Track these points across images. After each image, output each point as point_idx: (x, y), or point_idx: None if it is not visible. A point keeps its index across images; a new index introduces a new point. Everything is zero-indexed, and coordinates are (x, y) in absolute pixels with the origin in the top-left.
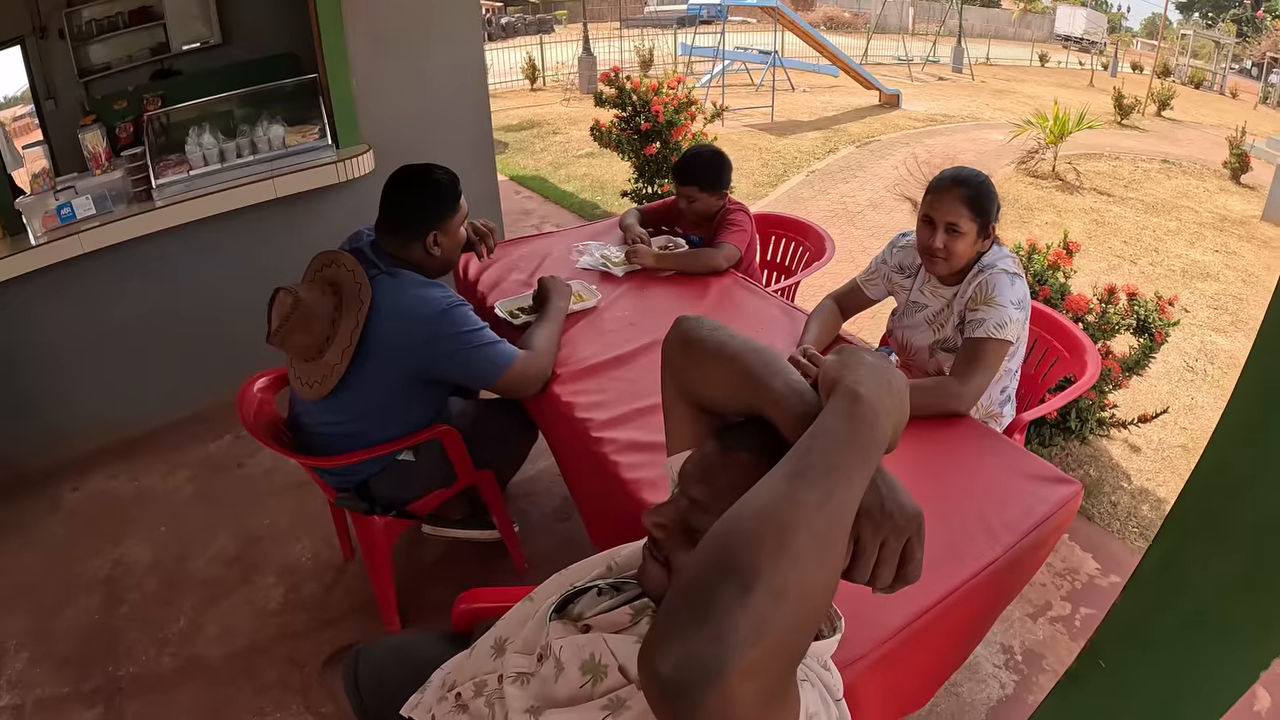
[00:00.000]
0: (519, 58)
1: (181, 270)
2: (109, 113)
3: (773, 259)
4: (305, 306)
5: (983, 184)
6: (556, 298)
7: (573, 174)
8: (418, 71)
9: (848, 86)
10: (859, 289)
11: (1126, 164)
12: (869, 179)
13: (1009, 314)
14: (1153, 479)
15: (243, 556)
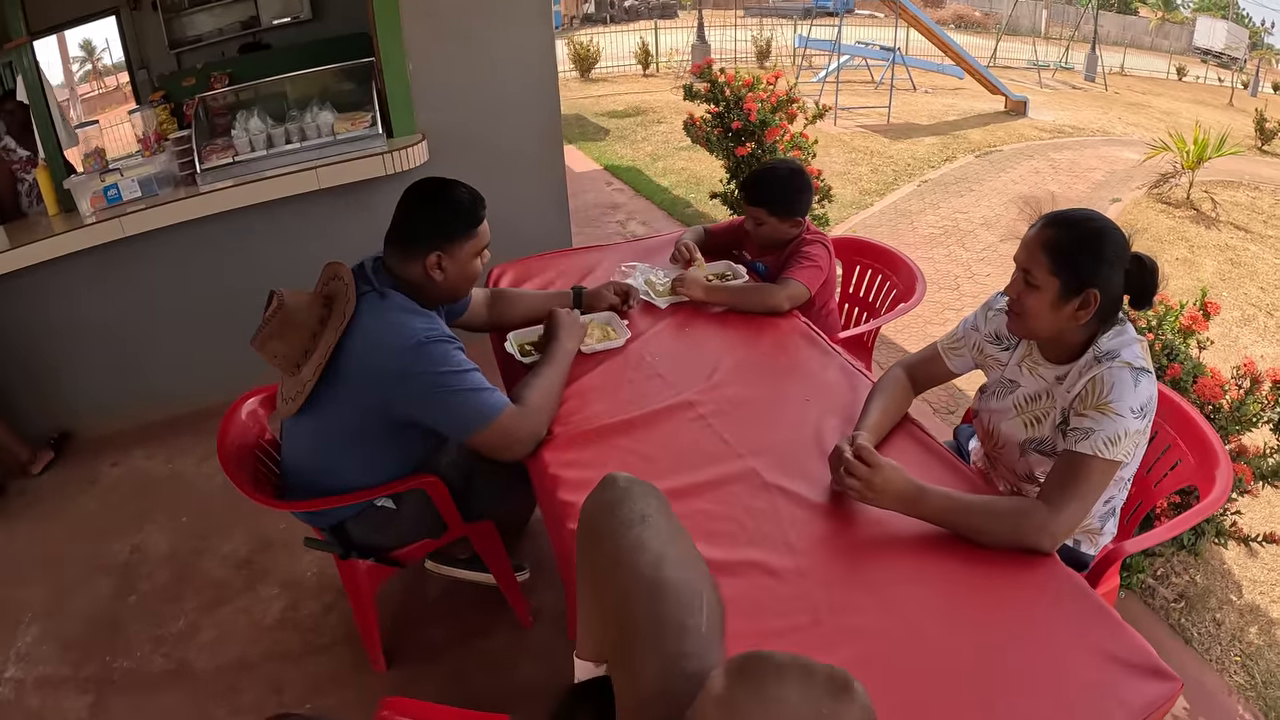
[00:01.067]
0: (634, 42)
1: (226, 256)
2: (178, 89)
3: (854, 293)
4: (285, 313)
5: (1087, 235)
6: (564, 337)
7: (670, 167)
8: (481, 57)
9: (972, 89)
10: (939, 358)
11: (1267, 195)
12: (986, 193)
13: (1126, 426)
14: (1267, 593)
15: (252, 561)
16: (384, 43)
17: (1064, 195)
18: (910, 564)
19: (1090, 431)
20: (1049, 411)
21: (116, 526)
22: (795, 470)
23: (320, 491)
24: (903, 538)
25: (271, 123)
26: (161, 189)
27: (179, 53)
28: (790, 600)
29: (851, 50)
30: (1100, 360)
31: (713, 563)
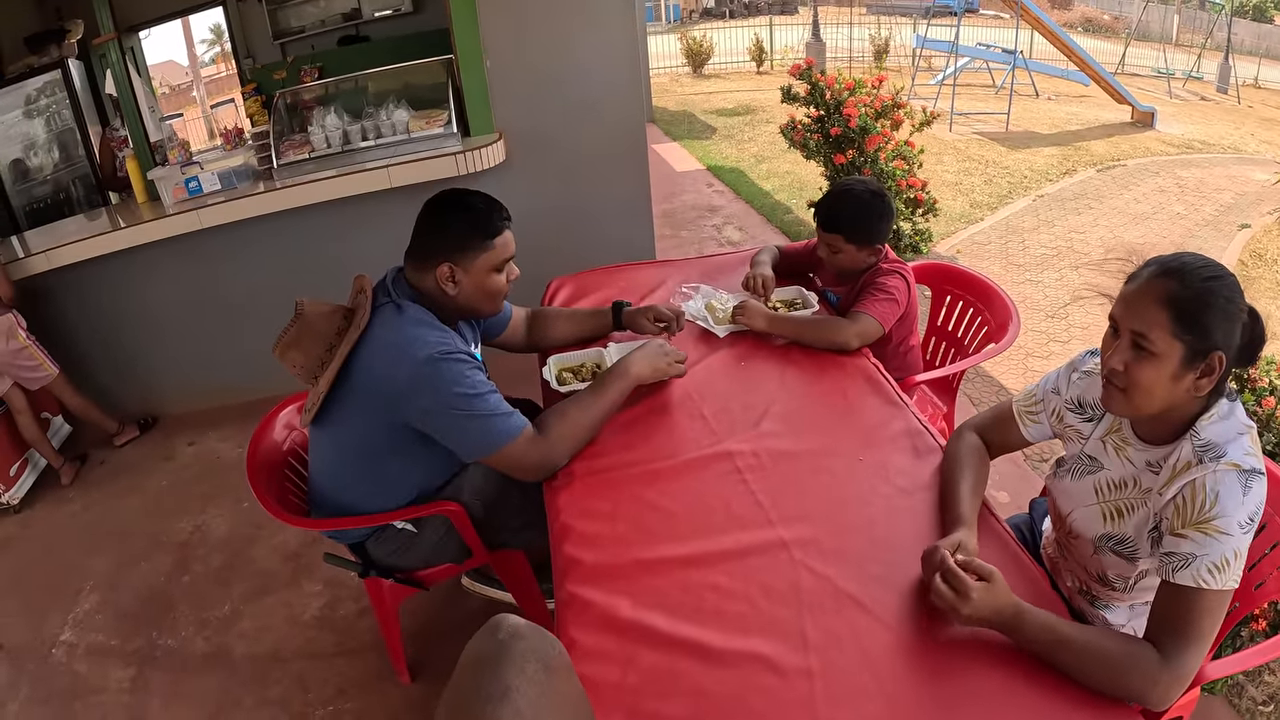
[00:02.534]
0: (749, 38)
1: (298, 251)
2: (270, 82)
3: (943, 325)
4: (304, 322)
5: (1210, 282)
6: (632, 364)
7: (775, 169)
8: (562, 56)
9: (1097, 97)
10: (1013, 422)
11: None
12: (1106, 212)
13: (1235, 545)
14: None
15: (300, 555)
16: (461, 39)
17: (1188, 217)
18: (944, 684)
19: (1191, 557)
20: (1136, 505)
21: (183, 505)
22: (830, 548)
23: (339, 506)
24: (944, 650)
25: (348, 119)
26: (240, 183)
27: (283, 43)
28: (790, 705)
29: (971, 52)
30: (1203, 459)
31: (711, 651)
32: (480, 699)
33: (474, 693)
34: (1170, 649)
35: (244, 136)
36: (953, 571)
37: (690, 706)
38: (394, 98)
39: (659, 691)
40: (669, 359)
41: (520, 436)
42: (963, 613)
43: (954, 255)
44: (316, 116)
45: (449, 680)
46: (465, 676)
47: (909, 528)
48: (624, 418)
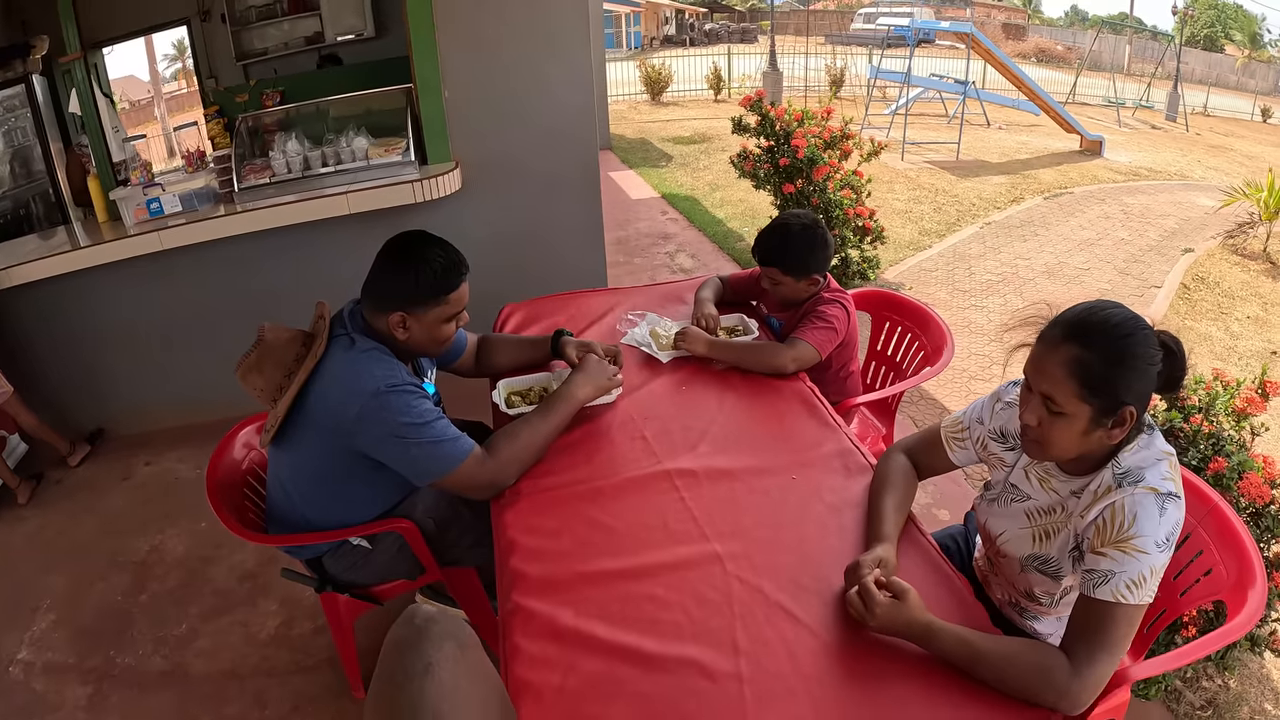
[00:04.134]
0: (708, 66)
1: (259, 274)
2: (232, 104)
3: (882, 350)
4: (264, 347)
5: (1117, 344)
6: (577, 384)
7: (728, 198)
8: (519, 87)
9: (1048, 127)
10: (940, 446)
11: None
12: (1051, 239)
13: (1152, 563)
14: None
15: (257, 574)
16: (420, 69)
17: (1133, 242)
18: (868, 686)
19: (1110, 574)
20: (1060, 527)
21: (141, 524)
22: (762, 561)
23: (296, 523)
24: (864, 656)
25: (309, 145)
26: (201, 205)
27: (246, 65)
28: (721, 706)
29: (924, 83)
30: (1122, 483)
31: (648, 657)
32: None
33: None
34: (1083, 659)
35: (206, 159)
36: (864, 587)
37: (628, 710)
38: (354, 125)
39: (599, 696)
40: (607, 375)
41: (469, 459)
42: (870, 625)
43: (899, 284)
44: (278, 141)
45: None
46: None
47: (837, 542)
48: (569, 439)
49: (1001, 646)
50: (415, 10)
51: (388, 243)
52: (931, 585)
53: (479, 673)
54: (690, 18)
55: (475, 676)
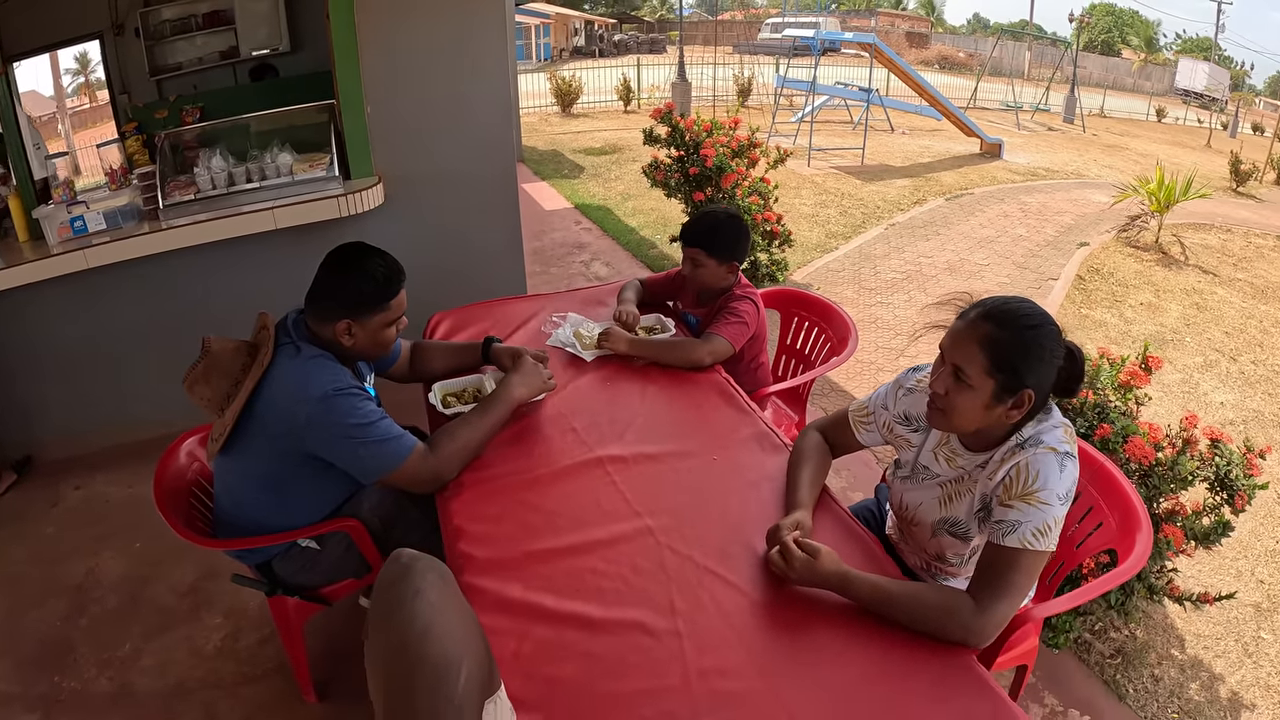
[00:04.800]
0: (617, 77)
1: (186, 291)
2: (151, 120)
3: (791, 344)
4: (211, 358)
5: (1026, 331)
6: (514, 384)
7: (640, 207)
8: (439, 101)
9: (949, 131)
10: (849, 428)
11: (1238, 238)
12: (953, 238)
13: (1054, 514)
14: (1211, 648)
15: (198, 589)
16: (343, 85)
17: (1030, 239)
18: (791, 633)
19: (1017, 524)
20: (967, 492)
21: (74, 549)
22: (690, 532)
23: (245, 529)
24: (788, 607)
25: (233, 161)
26: (126, 223)
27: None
28: (664, 661)
29: (829, 91)
30: (1024, 446)
31: (593, 621)
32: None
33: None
34: (986, 600)
35: (130, 176)
36: (784, 545)
37: (579, 668)
38: (278, 140)
39: (551, 658)
40: (542, 377)
41: (413, 455)
42: (791, 579)
43: (808, 284)
44: (202, 157)
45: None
46: (383, 591)
47: (758, 512)
48: (505, 435)
49: (911, 590)
50: (338, 26)
51: (330, 254)
52: (846, 543)
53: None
54: (599, 29)
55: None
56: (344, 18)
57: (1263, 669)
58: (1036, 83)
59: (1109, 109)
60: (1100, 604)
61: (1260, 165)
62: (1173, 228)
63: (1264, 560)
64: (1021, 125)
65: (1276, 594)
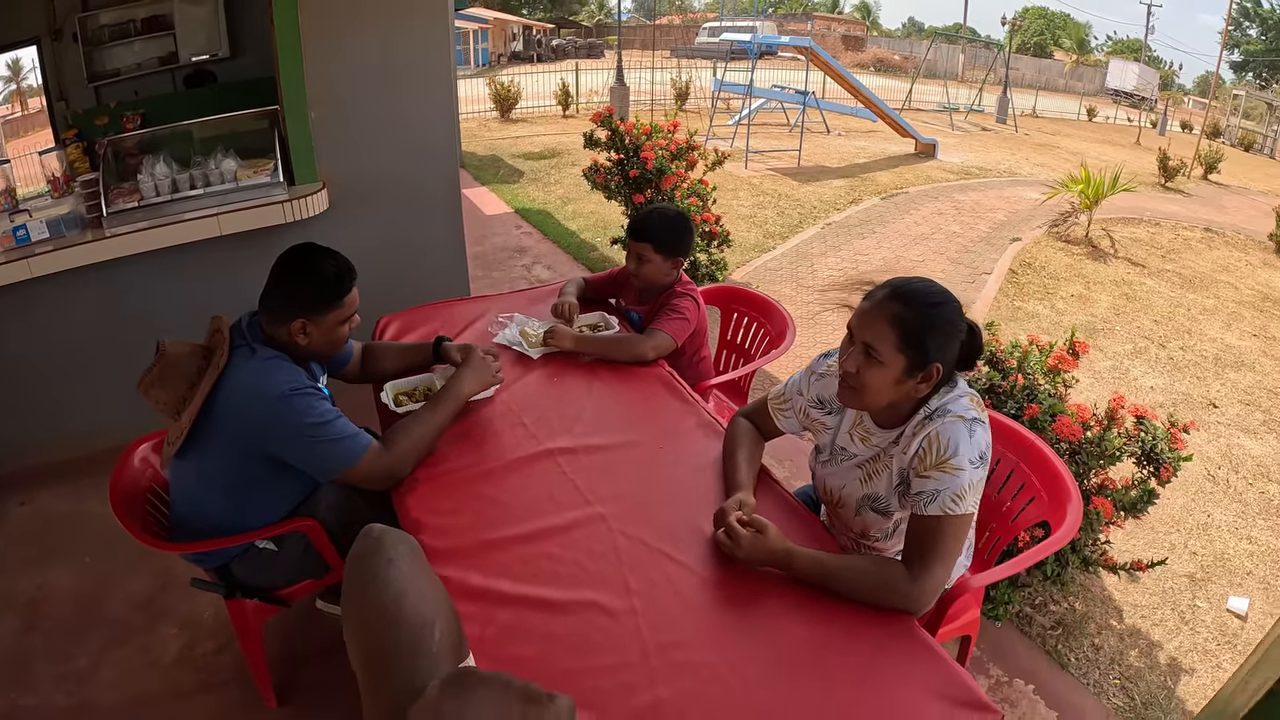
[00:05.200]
0: (556, 82)
1: (131, 299)
2: (91, 127)
3: (731, 339)
4: (167, 361)
5: (932, 308)
6: (463, 379)
7: (580, 211)
8: (383, 107)
9: (884, 132)
10: (769, 416)
11: (1166, 231)
12: (888, 236)
13: (969, 478)
14: (1148, 617)
15: (153, 600)
16: (287, 90)
17: (964, 235)
18: (742, 606)
19: (936, 493)
20: (884, 469)
21: (22, 565)
22: (641, 517)
23: (203, 532)
24: (737, 582)
25: (177, 168)
26: (69, 231)
27: (98, 86)
28: (621, 638)
29: (766, 94)
30: (933, 417)
31: (551, 603)
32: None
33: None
34: (919, 567)
35: (72, 184)
36: (730, 526)
37: (541, 648)
38: (221, 146)
39: (513, 639)
40: (490, 371)
41: (368, 453)
42: (739, 557)
43: (747, 283)
44: (146, 164)
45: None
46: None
47: (704, 496)
48: (456, 430)
49: (850, 563)
50: (283, 32)
51: (282, 255)
52: (787, 521)
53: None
54: (538, 34)
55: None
56: (288, 23)
57: (1199, 635)
58: (970, 84)
59: (1041, 109)
60: (1038, 576)
61: (1188, 161)
62: (1102, 222)
63: (1196, 534)
64: (955, 126)
65: (1209, 565)
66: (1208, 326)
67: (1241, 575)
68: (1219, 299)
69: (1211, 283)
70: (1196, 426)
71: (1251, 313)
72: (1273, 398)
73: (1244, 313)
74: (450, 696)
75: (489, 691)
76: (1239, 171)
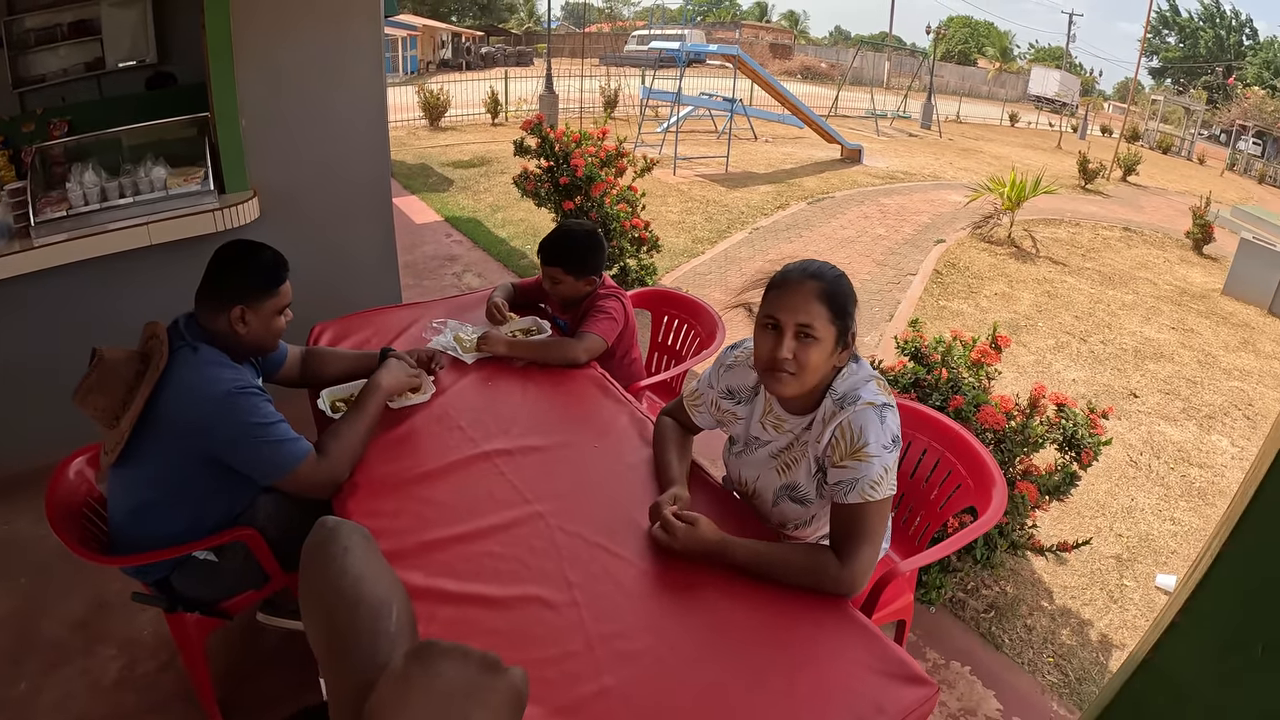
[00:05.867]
0: (485, 90)
1: (61, 311)
2: (18, 134)
3: (663, 341)
4: (105, 367)
5: (841, 278)
6: (381, 377)
7: (510, 218)
8: (314, 115)
9: (811, 139)
10: (685, 413)
11: (1086, 231)
12: (815, 239)
13: (884, 463)
14: (1078, 597)
15: (90, 623)
16: (218, 97)
17: (890, 237)
18: (682, 595)
19: (854, 481)
20: (800, 457)
21: None
22: (578, 513)
23: (142, 544)
24: (676, 572)
25: (106, 176)
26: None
27: (23, 92)
28: (564, 630)
29: (694, 101)
30: (843, 406)
31: (494, 599)
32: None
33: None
34: (847, 553)
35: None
36: (665, 519)
37: (485, 643)
38: (151, 154)
39: (457, 636)
40: (406, 368)
41: (307, 459)
42: (675, 549)
43: (676, 288)
44: (74, 172)
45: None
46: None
47: (640, 492)
48: (393, 435)
49: (782, 551)
50: (214, 38)
51: (218, 251)
52: (721, 513)
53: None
54: (467, 41)
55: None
56: (220, 29)
57: (1128, 612)
58: (896, 91)
59: (965, 115)
60: (969, 561)
61: (1108, 164)
62: (1025, 223)
63: (1121, 517)
64: (881, 132)
65: (1135, 546)
66: (1127, 321)
67: (1166, 554)
68: (1138, 295)
69: (1130, 279)
70: (1115, 412)
71: (1169, 307)
72: (1191, 386)
73: (1162, 307)
74: (416, 667)
75: (451, 660)
76: (1157, 173)
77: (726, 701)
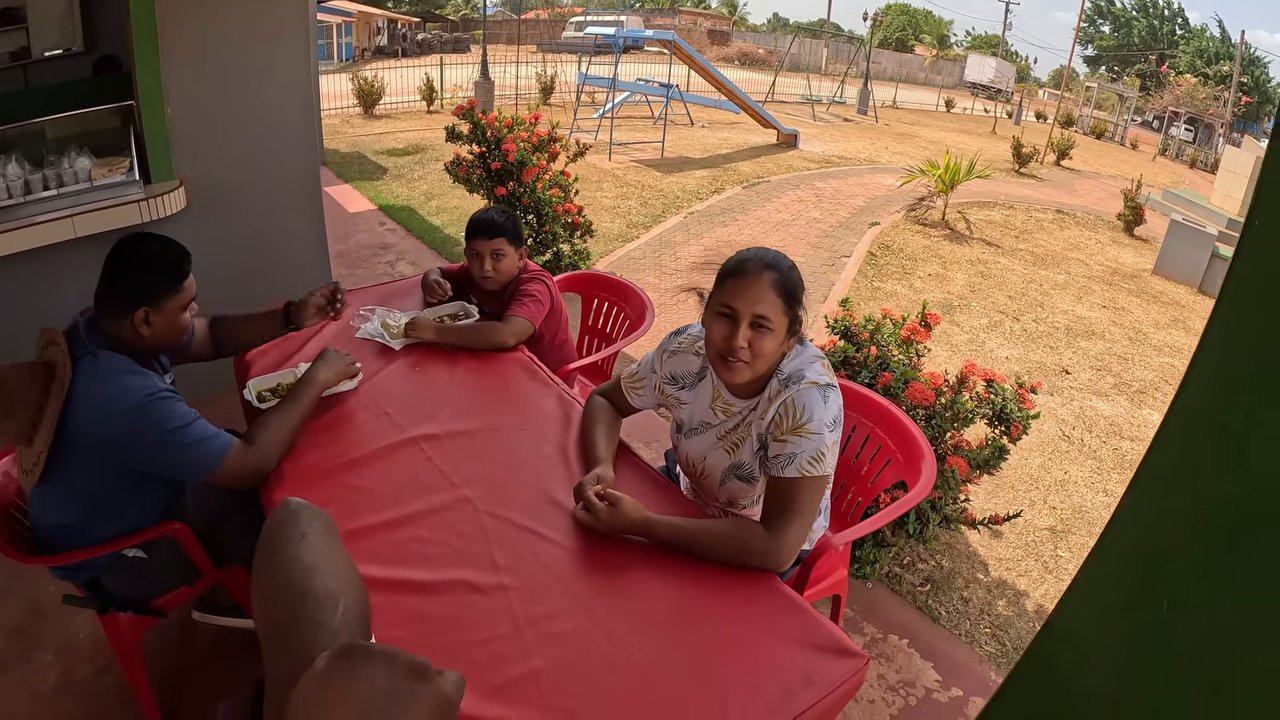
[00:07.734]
0: (420, 77)
1: None
2: None
3: (594, 324)
4: (8, 390)
5: (793, 269)
6: (317, 368)
7: (444, 205)
8: (242, 103)
9: (747, 124)
10: (623, 393)
11: (1020, 213)
12: (750, 222)
13: (825, 441)
14: (1013, 569)
15: (25, 630)
16: (143, 85)
17: (824, 220)
18: (610, 575)
19: (793, 456)
20: (746, 436)
21: None
22: (506, 496)
23: (69, 546)
24: (603, 552)
25: (29, 168)
26: None
27: None
28: (493, 613)
29: (630, 87)
30: (788, 385)
31: (422, 584)
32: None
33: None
34: (778, 527)
35: None
36: (589, 500)
37: (414, 628)
38: (75, 145)
39: (386, 623)
40: (345, 361)
41: (232, 451)
42: (599, 529)
43: (610, 272)
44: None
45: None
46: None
47: (566, 473)
48: (321, 422)
49: (707, 525)
50: (139, 25)
51: (114, 248)
52: (647, 492)
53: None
54: (403, 28)
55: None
56: (145, 16)
57: (1064, 582)
58: (833, 77)
59: (901, 101)
60: (903, 535)
61: (1041, 148)
62: (958, 206)
63: (1054, 490)
64: (817, 117)
65: (1069, 517)
66: (1060, 300)
67: (1100, 525)
68: (1070, 275)
69: (1063, 260)
70: (1048, 388)
71: (1101, 286)
72: (1122, 363)
73: (1094, 287)
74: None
75: (375, 665)
76: (1090, 158)
77: (655, 679)
